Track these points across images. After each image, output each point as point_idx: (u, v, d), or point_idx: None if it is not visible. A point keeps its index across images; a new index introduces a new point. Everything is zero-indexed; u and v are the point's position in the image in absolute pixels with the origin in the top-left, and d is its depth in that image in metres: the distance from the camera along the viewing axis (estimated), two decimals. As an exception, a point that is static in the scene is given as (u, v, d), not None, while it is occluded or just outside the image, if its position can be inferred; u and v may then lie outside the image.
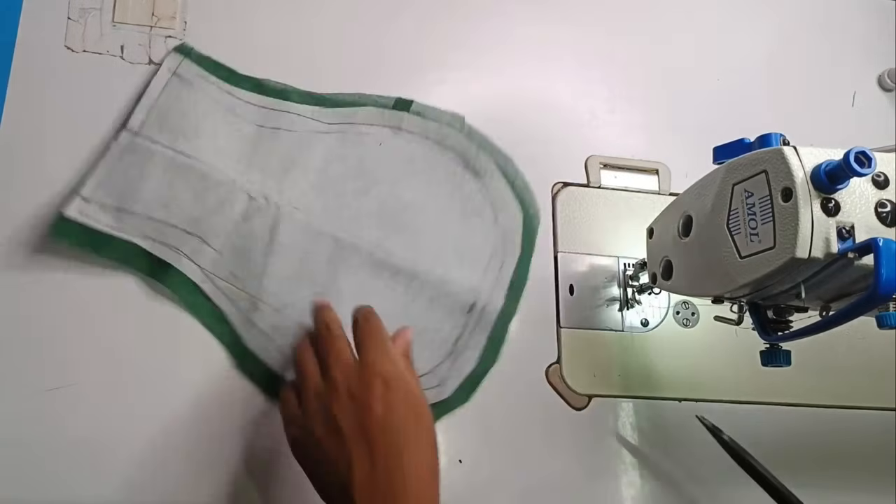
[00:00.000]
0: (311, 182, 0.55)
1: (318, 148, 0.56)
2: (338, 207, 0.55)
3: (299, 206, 0.54)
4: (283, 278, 0.53)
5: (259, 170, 0.54)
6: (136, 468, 0.48)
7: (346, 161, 0.57)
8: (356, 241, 0.55)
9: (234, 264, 0.52)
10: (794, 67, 0.71)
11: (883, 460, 0.59)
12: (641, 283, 0.58)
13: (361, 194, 0.56)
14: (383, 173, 0.57)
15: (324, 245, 0.54)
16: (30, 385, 0.49)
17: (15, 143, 0.53)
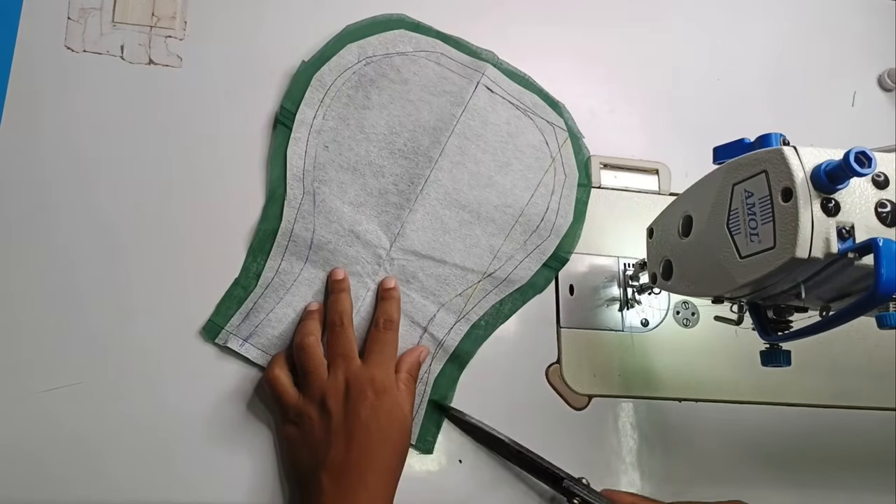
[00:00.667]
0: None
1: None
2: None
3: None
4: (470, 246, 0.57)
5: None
6: (136, 468, 0.48)
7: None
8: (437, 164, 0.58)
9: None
10: (794, 67, 0.71)
11: (883, 460, 0.59)
12: (641, 283, 0.58)
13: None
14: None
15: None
16: (29, 385, 0.49)
17: (15, 143, 0.53)
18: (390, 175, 0.57)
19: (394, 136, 0.57)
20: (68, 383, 0.49)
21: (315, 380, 0.49)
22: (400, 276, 0.55)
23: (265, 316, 0.53)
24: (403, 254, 0.55)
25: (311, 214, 0.55)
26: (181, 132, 0.56)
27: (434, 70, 0.60)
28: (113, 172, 0.54)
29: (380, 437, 0.47)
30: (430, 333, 0.55)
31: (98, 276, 0.52)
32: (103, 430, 0.49)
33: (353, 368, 0.50)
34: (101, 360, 0.50)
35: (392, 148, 0.57)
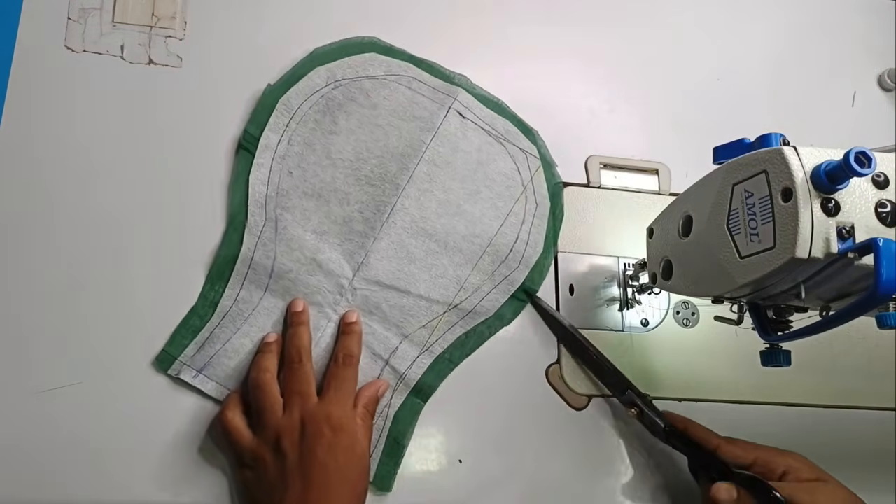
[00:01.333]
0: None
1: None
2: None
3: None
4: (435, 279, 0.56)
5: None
6: (136, 468, 0.48)
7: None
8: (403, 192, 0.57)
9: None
10: (794, 67, 0.71)
11: (883, 460, 0.59)
12: (641, 283, 0.58)
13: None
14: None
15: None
16: (29, 385, 0.49)
17: (15, 143, 0.53)
18: (356, 202, 0.55)
19: (360, 163, 0.56)
20: (68, 383, 0.49)
21: (270, 419, 0.48)
22: (363, 306, 0.54)
23: (221, 346, 0.51)
24: (367, 284, 0.54)
25: (273, 242, 0.53)
26: (181, 132, 0.56)
27: (405, 94, 0.59)
28: (113, 172, 0.54)
29: (338, 476, 0.46)
30: (391, 366, 0.53)
31: (98, 276, 0.51)
32: (103, 430, 0.49)
33: (310, 406, 0.48)
34: (101, 361, 0.50)
35: (358, 174, 0.56)
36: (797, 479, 0.48)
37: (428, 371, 0.54)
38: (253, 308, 0.52)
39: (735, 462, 0.49)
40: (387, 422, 0.52)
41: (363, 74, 0.58)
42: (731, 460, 0.50)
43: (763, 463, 0.49)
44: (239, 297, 0.52)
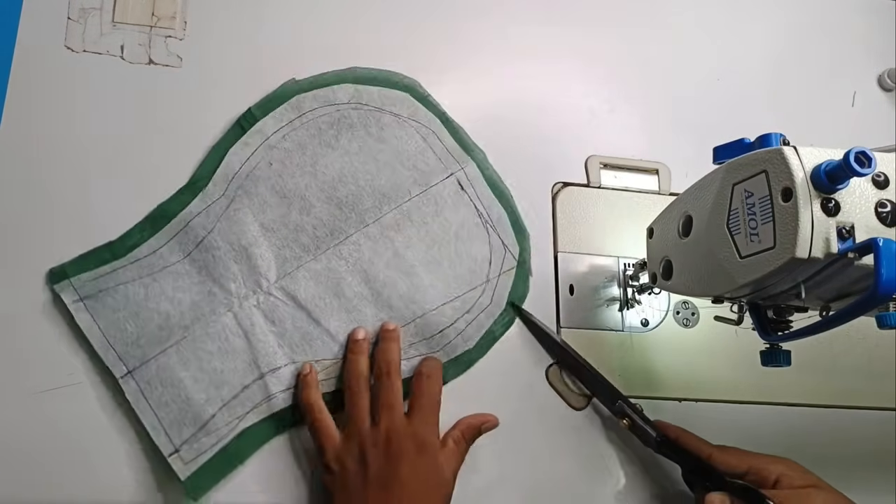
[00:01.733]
0: (271, 245, 0.54)
1: (242, 217, 0.54)
2: (309, 236, 0.55)
3: (289, 269, 0.54)
4: (346, 321, 0.53)
5: (232, 282, 0.53)
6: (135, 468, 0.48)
7: (268, 202, 0.55)
8: (348, 239, 0.55)
9: (310, 355, 0.52)
10: (794, 67, 0.71)
11: (883, 460, 0.59)
12: (641, 283, 0.58)
13: (308, 209, 0.55)
14: (298, 178, 0.56)
15: (336, 268, 0.54)
16: (29, 385, 0.49)
17: (15, 143, 0.53)
18: (315, 217, 0.54)
19: (340, 184, 0.55)
20: (68, 383, 0.49)
21: (359, 427, 0.48)
22: (269, 314, 0.52)
23: (114, 285, 0.51)
24: (283, 294, 0.53)
25: (218, 216, 0.53)
26: (181, 132, 0.56)
27: (416, 143, 0.58)
28: (113, 172, 0.54)
29: (418, 495, 0.46)
30: (264, 382, 0.51)
31: (98, 276, 0.51)
32: (103, 430, 0.49)
33: (397, 421, 0.48)
34: (101, 360, 0.50)
35: (331, 193, 0.55)
36: (790, 486, 0.47)
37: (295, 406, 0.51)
38: (164, 266, 0.52)
39: (729, 471, 0.49)
40: (232, 432, 0.49)
41: (388, 108, 0.58)
42: (725, 469, 0.49)
43: (756, 471, 0.48)
44: (158, 251, 0.52)
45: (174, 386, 0.49)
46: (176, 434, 0.48)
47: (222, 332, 0.51)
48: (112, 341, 0.50)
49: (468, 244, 0.57)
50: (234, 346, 0.51)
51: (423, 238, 0.56)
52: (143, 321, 0.50)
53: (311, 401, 0.50)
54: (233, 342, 0.51)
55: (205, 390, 0.50)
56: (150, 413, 0.49)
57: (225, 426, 0.49)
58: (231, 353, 0.51)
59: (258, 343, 0.51)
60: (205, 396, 0.49)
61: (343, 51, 0.61)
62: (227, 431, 0.49)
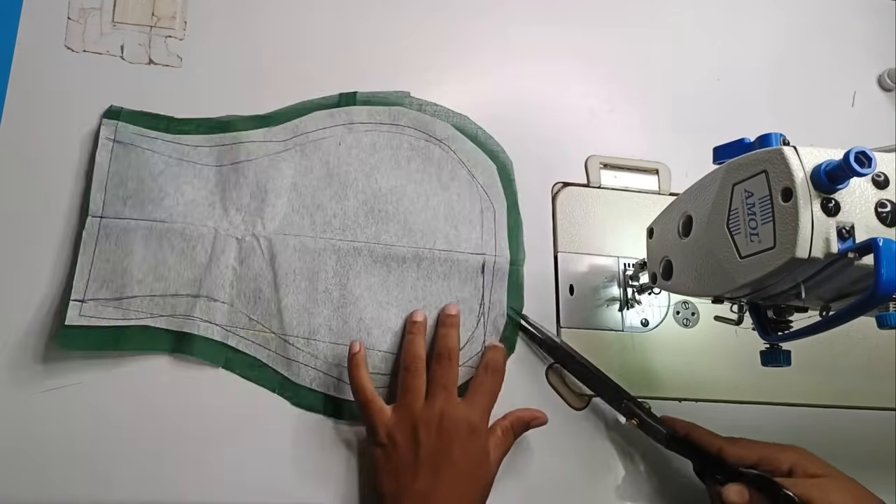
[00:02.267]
0: (290, 203, 0.55)
1: (283, 168, 0.56)
2: (324, 219, 0.55)
3: (288, 231, 0.54)
4: (300, 306, 0.53)
5: (235, 209, 0.54)
6: (135, 468, 0.48)
7: (313, 171, 0.56)
8: (353, 244, 0.55)
9: (249, 310, 0.52)
10: (794, 67, 0.71)
11: (883, 460, 0.59)
12: (641, 283, 0.58)
13: (341, 199, 0.56)
14: (353, 171, 0.57)
15: (326, 260, 0.54)
16: (29, 385, 0.49)
17: (15, 143, 0.53)
18: (342, 208, 0.56)
19: (381, 198, 0.56)
20: (68, 383, 0.49)
21: (413, 404, 0.49)
22: (243, 253, 0.53)
23: (145, 148, 0.53)
24: (267, 247, 0.53)
25: (265, 154, 0.55)
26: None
27: (472, 212, 0.58)
28: (113, 172, 0.54)
29: (466, 477, 0.47)
30: (195, 301, 0.51)
31: (98, 276, 0.51)
32: (103, 431, 0.49)
33: (452, 403, 0.49)
34: (101, 360, 0.50)
35: (370, 200, 0.56)
36: (805, 475, 0.47)
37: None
38: (195, 161, 0.54)
39: (740, 462, 0.49)
40: (137, 320, 0.50)
41: (469, 167, 0.59)
42: (736, 461, 0.49)
43: (768, 461, 0.49)
44: (199, 148, 0.55)
45: (124, 251, 0.51)
46: (94, 289, 0.50)
47: (196, 239, 0.52)
48: (108, 185, 0.52)
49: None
50: (196, 257, 0.52)
51: (417, 287, 0.56)
52: (144, 188, 0.52)
53: (362, 379, 0.50)
54: (197, 253, 0.52)
55: (144, 273, 0.51)
56: (89, 259, 0.50)
57: (135, 312, 0.50)
58: (188, 261, 0.52)
59: (215, 269, 0.52)
60: (140, 277, 0.50)
61: (343, 51, 0.61)
62: (134, 317, 0.50)
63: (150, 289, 0.50)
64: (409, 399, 0.50)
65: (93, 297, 0.49)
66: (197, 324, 0.50)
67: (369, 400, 0.50)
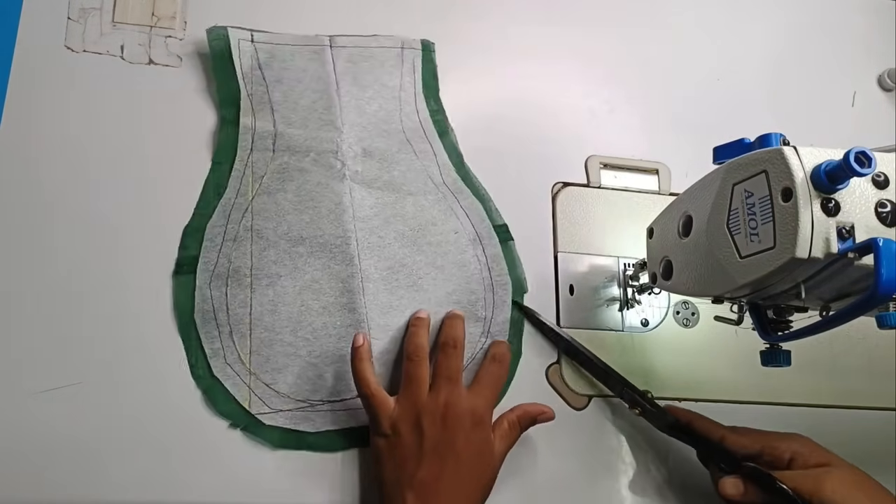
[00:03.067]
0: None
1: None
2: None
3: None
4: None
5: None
6: (136, 468, 0.48)
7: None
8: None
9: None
10: (794, 67, 0.71)
11: (883, 460, 0.59)
12: (641, 283, 0.58)
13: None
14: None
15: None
16: (29, 385, 0.49)
17: (15, 143, 0.53)
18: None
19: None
20: (68, 383, 0.49)
21: (417, 394, 0.49)
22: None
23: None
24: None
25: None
26: (181, 132, 0.56)
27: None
28: (112, 172, 0.54)
29: (469, 467, 0.47)
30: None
31: (98, 276, 0.51)
32: (103, 431, 0.49)
33: (456, 393, 0.49)
34: (101, 361, 0.50)
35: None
36: (804, 465, 0.48)
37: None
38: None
39: (742, 451, 0.49)
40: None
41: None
42: (738, 449, 0.50)
43: (770, 451, 0.49)
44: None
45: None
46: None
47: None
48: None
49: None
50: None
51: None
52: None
53: (365, 372, 0.50)
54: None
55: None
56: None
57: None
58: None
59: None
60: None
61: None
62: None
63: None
64: (412, 389, 0.49)
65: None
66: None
67: (372, 393, 0.49)
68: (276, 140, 0.56)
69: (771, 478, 0.46)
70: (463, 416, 0.48)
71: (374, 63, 0.60)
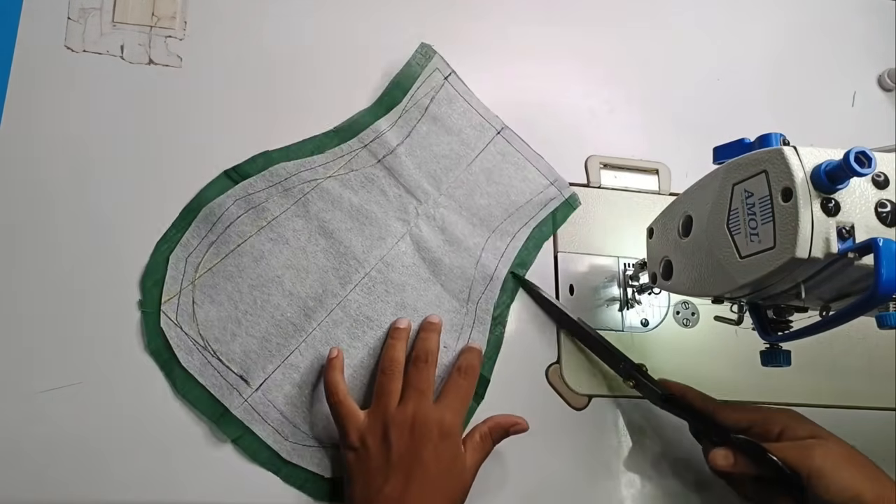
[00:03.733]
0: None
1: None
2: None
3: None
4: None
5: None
6: (136, 468, 0.48)
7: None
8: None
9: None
10: (794, 67, 0.71)
11: (883, 460, 0.59)
12: (641, 283, 0.58)
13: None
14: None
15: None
16: (29, 385, 0.49)
17: (15, 143, 0.53)
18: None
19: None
20: (68, 383, 0.49)
21: (386, 407, 0.49)
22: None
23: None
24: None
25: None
26: (181, 132, 0.56)
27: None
28: (113, 172, 0.54)
29: (438, 481, 0.47)
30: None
31: (98, 276, 0.51)
32: (103, 431, 0.49)
33: (425, 405, 0.49)
34: (101, 361, 0.50)
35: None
36: (794, 437, 0.48)
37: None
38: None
39: (732, 425, 0.50)
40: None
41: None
42: (729, 424, 0.50)
43: (760, 424, 0.49)
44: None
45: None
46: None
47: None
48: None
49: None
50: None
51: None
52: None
53: (336, 382, 0.50)
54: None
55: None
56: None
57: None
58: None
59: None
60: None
61: (343, 51, 0.61)
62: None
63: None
64: (383, 402, 0.49)
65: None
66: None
67: (340, 401, 0.49)
68: (387, 156, 0.57)
69: (761, 449, 0.47)
70: (430, 427, 0.47)
71: (516, 174, 0.60)
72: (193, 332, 0.50)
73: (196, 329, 0.50)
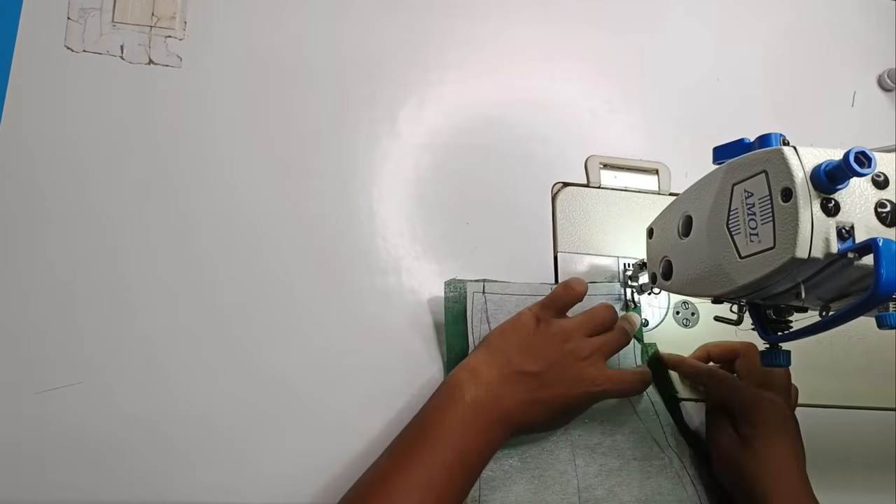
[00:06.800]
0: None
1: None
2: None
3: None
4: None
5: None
6: (136, 468, 0.48)
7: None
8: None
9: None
10: (794, 67, 0.71)
11: (883, 460, 0.59)
12: (641, 283, 0.58)
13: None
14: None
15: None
16: (29, 385, 0.49)
17: (15, 143, 0.53)
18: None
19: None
20: (68, 383, 0.49)
21: (576, 324, 0.53)
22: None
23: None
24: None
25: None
26: (181, 132, 0.56)
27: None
28: (113, 172, 0.54)
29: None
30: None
31: (98, 276, 0.51)
32: (103, 431, 0.49)
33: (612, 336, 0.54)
34: (101, 360, 0.50)
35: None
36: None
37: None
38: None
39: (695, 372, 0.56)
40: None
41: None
42: (691, 372, 0.57)
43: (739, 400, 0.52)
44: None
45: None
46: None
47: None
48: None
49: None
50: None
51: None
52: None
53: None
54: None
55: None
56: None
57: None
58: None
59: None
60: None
61: (343, 51, 0.61)
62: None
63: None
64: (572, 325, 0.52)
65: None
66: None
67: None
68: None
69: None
70: (592, 370, 0.51)
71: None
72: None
73: None
